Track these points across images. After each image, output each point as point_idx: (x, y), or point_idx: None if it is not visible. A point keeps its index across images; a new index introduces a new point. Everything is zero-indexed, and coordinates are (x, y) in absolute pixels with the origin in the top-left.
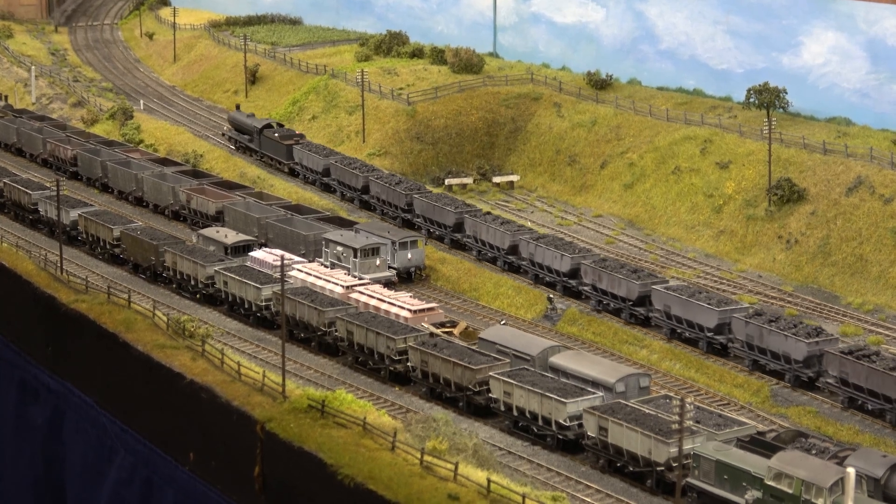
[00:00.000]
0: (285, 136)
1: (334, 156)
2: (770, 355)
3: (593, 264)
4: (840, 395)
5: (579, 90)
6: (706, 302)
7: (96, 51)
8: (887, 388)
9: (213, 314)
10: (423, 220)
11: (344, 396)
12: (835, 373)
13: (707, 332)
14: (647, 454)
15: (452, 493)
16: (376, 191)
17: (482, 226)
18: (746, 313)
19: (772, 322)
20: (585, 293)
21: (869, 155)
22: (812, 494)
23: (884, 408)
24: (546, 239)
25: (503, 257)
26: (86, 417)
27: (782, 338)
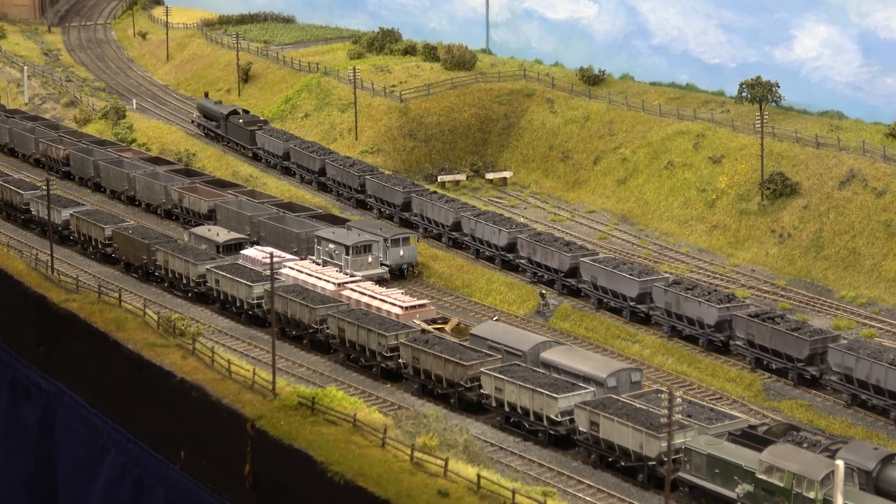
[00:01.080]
0: (249, 121)
1: (294, 140)
2: (686, 321)
3: (528, 238)
4: (748, 356)
5: (572, 86)
6: (629, 273)
7: (89, 51)
8: (789, 348)
9: (205, 312)
10: (374, 199)
11: (334, 393)
12: (742, 335)
13: (630, 302)
14: (639, 449)
15: (442, 490)
16: (332, 173)
17: (428, 204)
18: (665, 282)
19: (688, 290)
20: (522, 266)
21: (861, 148)
22: (803, 488)
23: (786, 366)
24: (485, 215)
25: (447, 234)
26: (77, 416)
27: (696, 304)
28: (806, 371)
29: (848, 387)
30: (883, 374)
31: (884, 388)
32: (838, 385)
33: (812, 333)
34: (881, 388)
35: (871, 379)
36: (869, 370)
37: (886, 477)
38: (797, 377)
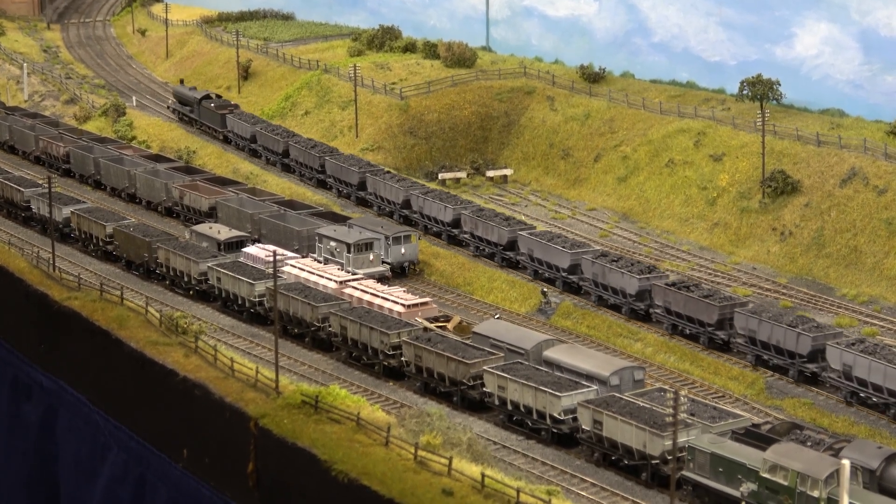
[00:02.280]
0: (220, 106)
1: (260, 123)
2: (611, 291)
3: (471, 214)
4: (665, 322)
5: (572, 83)
6: (561, 245)
7: (88, 48)
8: (700, 313)
9: (207, 310)
10: (333, 179)
11: (337, 392)
12: (660, 303)
13: (562, 273)
14: (642, 447)
15: (447, 488)
16: (295, 154)
17: (381, 183)
18: (593, 255)
19: (613, 262)
20: (465, 241)
21: (863, 146)
22: (807, 486)
23: (698, 332)
24: (432, 193)
25: (398, 211)
26: (79, 415)
27: (620, 274)
28: (716, 335)
29: (752, 348)
30: (782, 336)
31: (783, 349)
32: (744, 347)
33: (721, 300)
34: (781, 349)
35: (772, 340)
36: (770, 332)
37: (890, 476)
38: (708, 341)
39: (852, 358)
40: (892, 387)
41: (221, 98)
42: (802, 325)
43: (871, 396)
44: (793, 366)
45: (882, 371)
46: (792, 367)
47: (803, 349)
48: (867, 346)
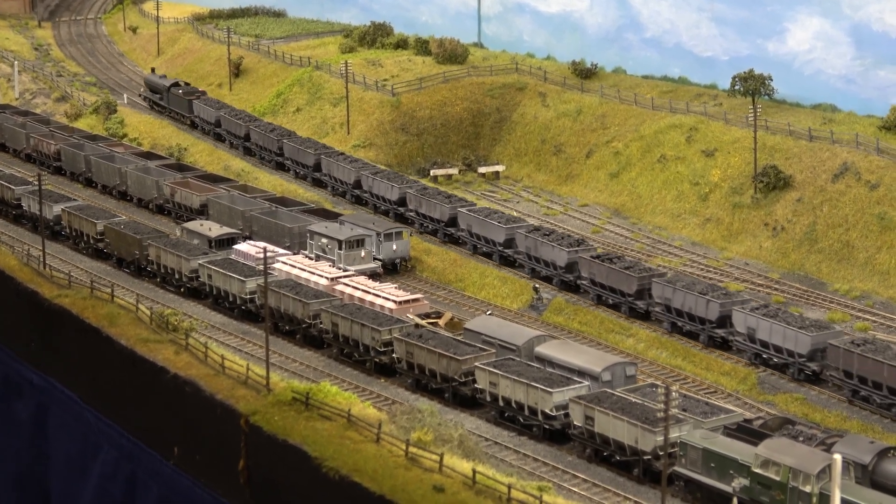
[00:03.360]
0: (188, 92)
1: (224, 108)
2: (543, 263)
3: (416, 192)
4: (591, 292)
5: (564, 79)
6: (497, 221)
7: (80, 45)
8: (621, 284)
9: (198, 308)
10: (291, 161)
11: (328, 389)
12: (586, 274)
13: (497, 247)
14: (634, 443)
15: (438, 485)
16: (255, 138)
17: (334, 164)
18: (527, 229)
19: (545, 235)
20: (410, 218)
21: (855, 141)
22: (799, 481)
23: (620, 301)
24: (382, 174)
25: (350, 191)
26: (70, 412)
27: (550, 248)
28: (636, 305)
29: (668, 316)
30: (693, 303)
31: (695, 315)
32: (660, 315)
33: (641, 271)
34: (693, 315)
35: (685, 307)
36: (683, 300)
37: (882, 470)
38: (629, 311)
39: (755, 321)
40: (790, 347)
41: (189, 85)
42: (712, 292)
43: (772, 357)
44: (703, 331)
45: (781, 333)
46: (702, 333)
47: (712, 315)
48: (770, 311)
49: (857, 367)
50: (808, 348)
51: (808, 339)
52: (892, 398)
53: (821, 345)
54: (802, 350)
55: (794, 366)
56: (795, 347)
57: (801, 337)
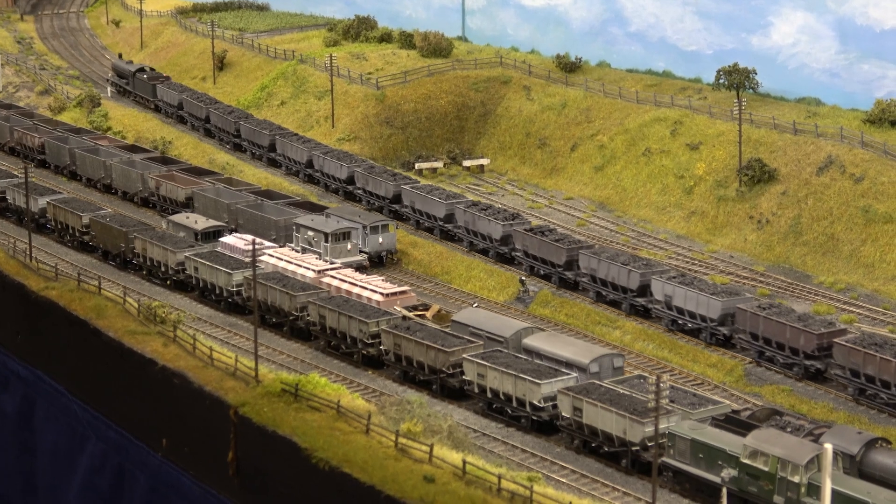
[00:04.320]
0: (152, 77)
1: (187, 92)
2: (480, 237)
3: (363, 171)
4: (524, 264)
5: (549, 73)
6: (438, 197)
7: (63, 39)
8: (551, 255)
9: (184, 300)
10: (247, 142)
11: (317, 380)
12: (520, 246)
13: (438, 221)
14: (622, 434)
15: (428, 475)
16: (214, 120)
17: (288, 145)
18: (465, 204)
19: (482, 210)
20: (358, 195)
21: (839, 134)
22: (788, 472)
23: (550, 272)
24: (332, 153)
25: (303, 170)
26: (57, 405)
27: (487, 222)
28: (565, 275)
29: (593, 285)
30: (616, 273)
31: (619, 285)
32: (587, 284)
33: (570, 243)
34: (616, 285)
35: (609, 277)
36: (607, 270)
37: (870, 461)
38: (559, 281)
39: (672, 289)
40: (703, 312)
41: (154, 71)
42: (633, 262)
43: (687, 323)
44: (625, 299)
45: (695, 299)
46: (624, 301)
47: (633, 284)
48: (686, 279)
49: (763, 330)
50: (719, 313)
51: (719, 304)
52: (793, 358)
53: (730, 309)
54: (714, 315)
55: (706, 330)
56: (707, 312)
57: (713, 302)
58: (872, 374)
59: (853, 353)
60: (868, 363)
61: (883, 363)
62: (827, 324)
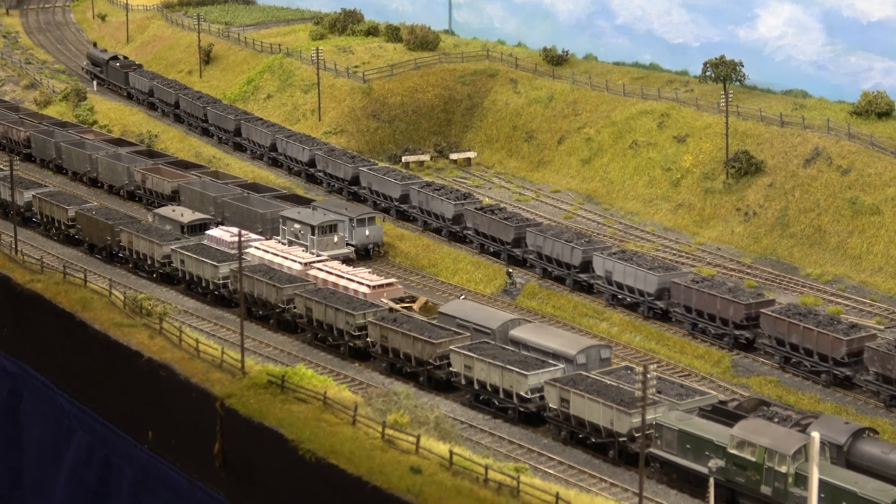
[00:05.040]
0: (125, 65)
1: (157, 79)
2: (433, 216)
3: (324, 154)
4: (475, 242)
5: (535, 66)
6: (394, 178)
7: (48, 33)
8: (500, 233)
9: (171, 293)
10: (214, 127)
11: (304, 372)
12: (471, 225)
13: (394, 202)
14: (609, 425)
15: (415, 466)
16: (184, 105)
17: (252, 129)
18: (419, 185)
19: (435, 191)
20: (319, 178)
21: (826, 126)
22: (775, 462)
23: (500, 250)
24: (294, 137)
25: (267, 154)
26: (43, 398)
27: (440, 201)
28: (513, 252)
29: (540, 262)
30: (560, 249)
31: (563, 261)
32: (534, 261)
33: (518, 221)
34: (560, 261)
35: (554, 254)
36: (552, 247)
37: (857, 451)
38: (508, 258)
39: (612, 265)
40: (640, 287)
41: (127, 59)
42: (577, 239)
43: (626, 297)
44: (568, 275)
45: (633, 274)
46: (568, 276)
47: (576, 260)
48: (625, 255)
49: (695, 302)
50: (655, 287)
51: (655, 279)
52: (724, 329)
53: (666, 284)
54: (650, 289)
55: (644, 304)
56: (645, 287)
57: (649, 277)
58: (796, 343)
59: (778, 322)
60: (792, 332)
61: (806, 332)
62: (756, 295)
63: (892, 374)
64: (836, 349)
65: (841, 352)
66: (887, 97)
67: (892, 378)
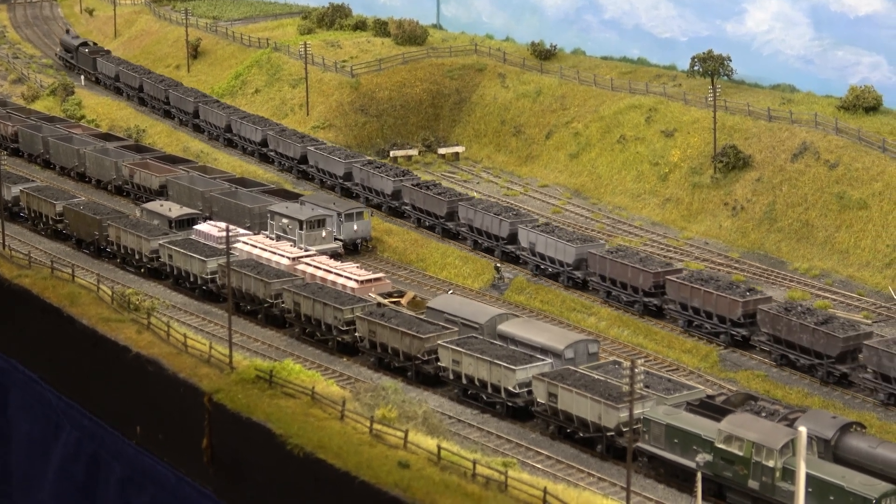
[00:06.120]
0: (93, 51)
1: (123, 64)
2: (374, 192)
3: (275, 134)
4: (412, 216)
5: (523, 61)
6: (337, 157)
7: (36, 27)
8: (433, 207)
9: (159, 288)
10: (176, 109)
11: (292, 366)
12: (408, 200)
13: (339, 179)
14: (597, 420)
15: (403, 461)
16: (147, 89)
17: (210, 111)
18: (362, 163)
19: (376, 168)
20: (271, 157)
21: (813, 121)
22: (763, 456)
23: (434, 223)
24: (248, 118)
25: (223, 134)
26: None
27: (380, 178)
28: (447, 225)
29: (471, 234)
30: (490, 222)
31: (490, 233)
32: (466, 234)
33: (451, 196)
34: (489, 233)
35: (484, 227)
36: (482, 220)
37: (845, 445)
38: (441, 231)
39: (535, 236)
40: (560, 258)
41: (97, 45)
42: (505, 213)
43: (548, 267)
44: (497, 246)
45: (554, 245)
46: (496, 248)
47: (504, 232)
48: (548, 227)
49: (609, 271)
50: (573, 258)
51: (573, 250)
52: (634, 296)
53: (583, 255)
54: (569, 259)
55: (564, 274)
56: (564, 258)
57: (568, 248)
58: (698, 307)
59: (682, 287)
60: (694, 296)
61: (706, 296)
62: (664, 264)
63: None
64: (732, 311)
65: (737, 313)
66: (875, 92)
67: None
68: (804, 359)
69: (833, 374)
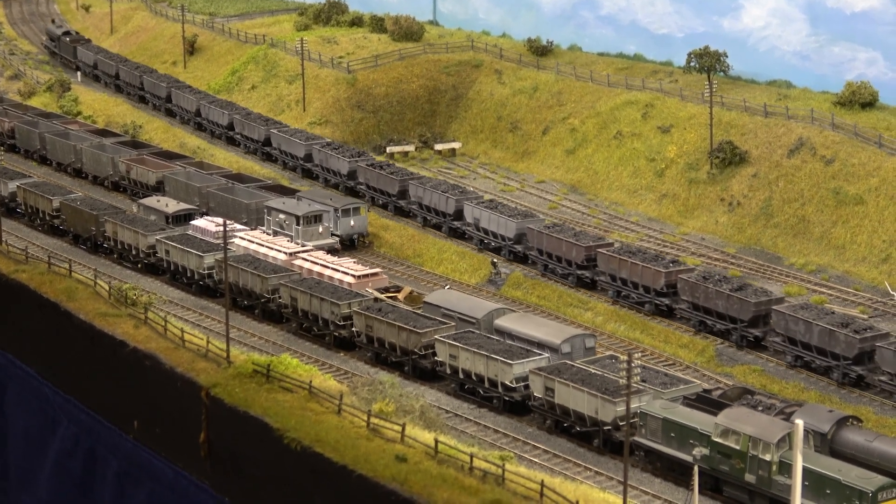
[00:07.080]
0: (74, 40)
1: (101, 53)
2: (332, 173)
3: (241, 117)
4: (366, 195)
5: (520, 57)
6: (298, 139)
7: (32, 24)
8: (385, 186)
9: (155, 283)
10: (149, 94)
11: (289, 361)
12: (363, 179)
13: (299, 160)
14: (594, 414)
15: (400, 455)
16: (123, 76)
17: (181, 95)
18: (320, 145)
19: (334, 149)
20: (237, 140)
21: (810, 117)
22: (759, 450)
23: (387, 201)
24: (215, 102)
25: (193, 118)
26: (28, 388)
27: (336, 159)
28: (399, 203)
29: (420, 211)
30: (437, 199)
31: (440, 210)
32: (416, 211)
33: (402, 175)
34: (437, 210)
35: (432, 203)
36: (430, 197)
37: (841, 439)
38: (393, 209)
39: (479, 212)
40: (502, 233)
41: (79, 34)
42: (451, 191)
43: (491, 242)
44: (444, 223)
45: (496, 221)
46: (444, 224)
47: (450, 209)
48: (491, 203)
49: (546, 245)
50: (514, 232)
51: (514, 225)
52: (568, 269)
53: (523, 230)
54: (510, 234)
55: (505, 248)
56: (506, 232)
57: (509, 223)
58: (626, 278)
59: (611, 259)
60: (622, 268)
61: (633, 267)
62: (597, 238)
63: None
64: (656, 281)
65: (660, 283)
66: (871, 87)
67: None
68: (720, 324)
69: (746, 337)
